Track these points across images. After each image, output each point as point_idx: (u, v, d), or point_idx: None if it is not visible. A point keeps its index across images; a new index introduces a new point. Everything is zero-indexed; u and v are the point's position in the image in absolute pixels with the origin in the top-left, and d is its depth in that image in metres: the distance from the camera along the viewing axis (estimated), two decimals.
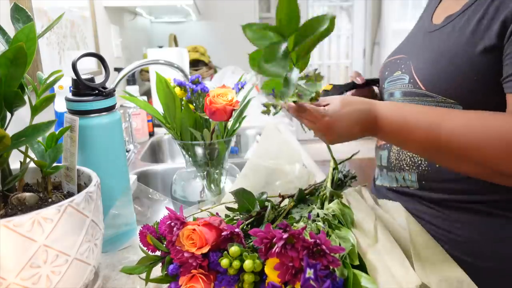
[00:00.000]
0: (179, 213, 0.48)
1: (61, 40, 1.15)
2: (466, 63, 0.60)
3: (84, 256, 0.46)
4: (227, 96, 0.71)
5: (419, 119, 0.56)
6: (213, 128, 0.78)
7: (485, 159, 0.52)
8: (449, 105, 0.62)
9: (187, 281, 0.45)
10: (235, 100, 0.71)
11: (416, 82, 0.67)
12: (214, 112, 0.70)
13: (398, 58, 0.76)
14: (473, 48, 0.59)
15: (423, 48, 0.70)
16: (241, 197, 0.55)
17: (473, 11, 0.62)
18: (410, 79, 0.69)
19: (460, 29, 0.63)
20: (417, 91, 0.67)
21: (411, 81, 0.68)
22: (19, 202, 0.47)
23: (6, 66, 0.41)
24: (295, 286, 0.39)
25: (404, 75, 0.71)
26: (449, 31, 0.65)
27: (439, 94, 0.63)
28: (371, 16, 4.43)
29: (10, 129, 0.45)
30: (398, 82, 0.72)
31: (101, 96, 0.60)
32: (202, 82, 0.78)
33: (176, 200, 0.84)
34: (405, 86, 0.70)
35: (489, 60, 0.58)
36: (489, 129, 0.52)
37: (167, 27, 3.01)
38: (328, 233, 0.47)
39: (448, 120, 0.54)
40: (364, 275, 0.42)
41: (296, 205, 0.57)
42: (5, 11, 0.82)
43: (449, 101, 0.62)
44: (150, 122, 1.50)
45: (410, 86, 0.69)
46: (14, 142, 0.43)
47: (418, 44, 0.73)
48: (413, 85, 0.68)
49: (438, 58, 0.64)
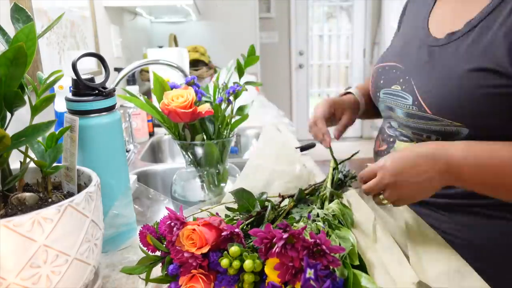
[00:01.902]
0: (179, 213, 0.48)
1: (61, 40, 1.15)
2: (475, 87, 0.58)
3: (84, 256, 0.46)
4: (183, 97, 0.71)
5: (503, 161, 0.54)
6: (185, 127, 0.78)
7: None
8: (455, 128, 0.61)
9: (187, 281, 0.45)
10: (193, 99, 0.71)
11: (421, 105, 0.64)
12: (168, 114, 0.71)
13: (392, 66, 0.74)
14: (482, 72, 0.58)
15: (423, 65, 0.67)
16: (241, 197, 0.55)
17: (479, 33, 0.60)
18: (414, 101, 0.66)
19: (466, 51, 0.61)
20: (422, 115, 0.65)
21: (415, 103, 0.66)
22: (19, 202, 0.47)
23: (6, 66, 0.41)
24: (295, 286, 0.39)
25: (406, 94, 0.68)
26: (453, 51, 0.63)
27: (446, 117, 0.61)
28: (371, 16, 4.43)
29: (10, 129, 0.45)
30: (399, 100, 0.70)
31: (101, 96, 0.60)
32: (198, 83, 0.79)
33: (176, 200, 0.84)
34: (409, 108, 0.67)
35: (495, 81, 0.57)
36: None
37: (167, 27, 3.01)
38: (328, 233, 0.47)
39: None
40: (364, 275, 0.42)
41: (296, 205, 0.57)
42: (5, 11, 0.82)
43: (455, 124, 0.61)
44: (150, 122, 1.50)
45: (414, 109, 0.66)
46: (14, 142, 0.43)
47: (415, 57, 0.69)
48: (418, 107, 0.65)
49: (444, 80, 0.62)
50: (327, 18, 4.66)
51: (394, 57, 0.75)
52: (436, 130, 0.64)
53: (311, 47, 4.53)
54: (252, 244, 0.47)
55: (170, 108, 0.70)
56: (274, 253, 0.38)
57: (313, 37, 4.55)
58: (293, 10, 4.25)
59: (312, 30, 4.51)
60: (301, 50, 4.44)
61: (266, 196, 0.57)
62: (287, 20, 4.25)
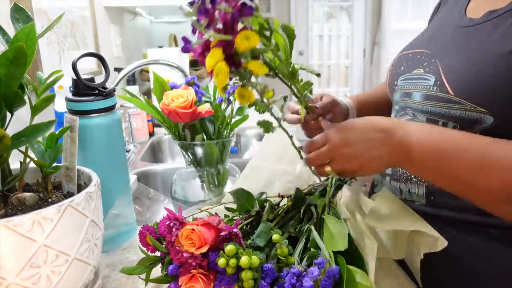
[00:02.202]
0: (178, 214, 0.48)
1: (61, 40, 1.15)
2: (509, 68, 0.51)
3: (84, 256, 0.46)
4: (183, 97, 0.71)
5: (461, 149, 0.48)
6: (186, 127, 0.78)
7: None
8: (478, 115, 0.54)
9: (187, 281, 0.45)
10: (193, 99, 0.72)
11: (444, 85, 0.57)
12: (168, 114, 0.71)
13: (418, 52, 0.66)
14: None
15: (455, 45, 0.60)
16: (240, 197, 0.55)
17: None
18: (436, 81, 0.59)
19: (506, 28, 0.54)
20: (443, 96, 0.58)
21: (437, 83, 0.59)
22: (19, 202, 0.47)
23: (6, 66, 0.41)
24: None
25: (428, 75, 0.61)
26: (490, 28, 0.56)
27: (470, 101, 0.54)
28: (371, 16, 4.43)
29: (10, 129, 0.45)
30: (419, 82, 0.63)
31: (101, 96, 0.60)
32: (198, 83, 0.79)
33: (176, 200, 0.84)
34: (429, 89, 0.60)
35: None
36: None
37: (167, 27, 3.01)
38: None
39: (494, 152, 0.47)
40: (359, 271, 0.42)
41: (295, 203, 0.57)
42: (5, 11, 0.82)
43: (479, 110, 0.54)
44: (150, 122, 1.50)
45: (435, 89, 0.59)
46: (14, 142, 0.43)
47: (446, 40, 0.62)
48: (440, 88, 0.58)
49: (474, 59, 0.55)
50: (327, 18, 4.65)
51: (421, 44, 0.68)
52: (455, 116, 0.57)
53: (311, 47, 4.53)
54: (251, 244, 0.47)
55: (170, 108, 0.70)
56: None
57: (313, 37, 4.55)
58: (293, 10, 4.25)
59: (312, 30, 4.51)
60: (301, 50, 4.44)
61: (265, 196, 0.57)
62: (287, 20, 4.25)
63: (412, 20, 3.56)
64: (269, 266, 0.43)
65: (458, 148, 0.49)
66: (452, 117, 0.57)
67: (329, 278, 0.40)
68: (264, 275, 0.43)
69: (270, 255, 0.46)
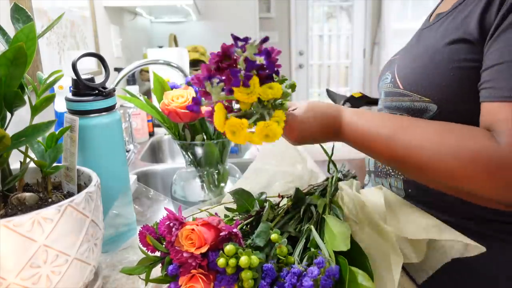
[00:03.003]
0: (177, 214, 0.48)
1: (61, 40, 1.15)
2: (447, 61, 0.58)
3: (84, 256, 0.46)
4: (183, 97, 0.71)
5: (379, 130, 0.53)
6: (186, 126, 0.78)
7: (439, 177, 0.48)
8: (424, 104, 0.61)
9: (187, 281, 0.45)
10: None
11: (396, 81, 0.66)
12: (168, 114, 0.71)
13: (393, 58, 0.76)
14: (455, 45, 0.57)
15: (410, 46, 0.70)
16: (240, 197, 0.55)
17: (460, 10, 0.61)
18: (392, 78, 0.68)
19: (446, 25, 0.62)
20: (396, 91, 0.66)
21: (392, 81, 0.68)
22: (19, 202, 0.47)
23: (6, 66, 0.41)
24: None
25: (388, 74, 0.71)
26: (436, 28, 0.65)
27: (416, 92, 0.62)
28: (371, 16, 4.43)
29: (10, 129, 0.45)
30: (383, 82, 0.73)
31: (101, 96, 0.60)
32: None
33: (176, 200, 0.84)
34: (388, 86, 0.69)
35: (466, 55, 0.56)
36: (444, 146, 0.48)
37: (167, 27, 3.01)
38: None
39: (406, 133, 0.51)
40: (360, 272, 0.42)
41: (295, 203, 0.57)
42: (5, 11, 0.82)
43: (424, 99, 0.61)
44: (150, 122, 1.50)
45: (391, 86, 0.68)
46: (14, 142, 0.43)
47: (413, 41, 0.72)
48: (393, 84, 0.67)
49: (419, 55, 0.63)
50: (327, 18, 4.65)
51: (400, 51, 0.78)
52: (406, 107, 0.64)
53: (311, 47, 4.53)
54: (251, 244, 0.47)
55: (170, 108, 0.70)
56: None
57: (313, 37, 4.55)
58: (293, 10, 4.25)
59: (312, 30, 4.51)
60: (301, 50, 4.44)
61: (265, 196, 0.57)
62: (287, 20, 4.25)
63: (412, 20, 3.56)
64: (269, 266, 0.43)
65: (376, 132, 0.54)
66: (404, 108, 0.65)
67: (329, 277, 0.40)
68: (264, 275, 0.43)
69: (270, 255, 0.46)
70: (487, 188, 0.45)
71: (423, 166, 0.49)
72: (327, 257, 0.43)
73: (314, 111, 0.56)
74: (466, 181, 0.46)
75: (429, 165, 0.48)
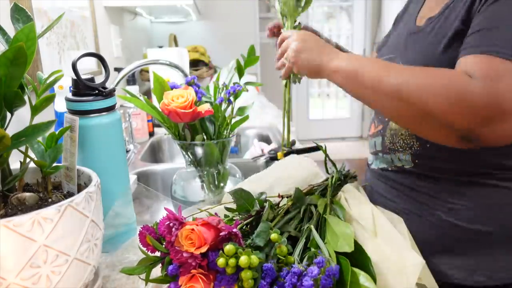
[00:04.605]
0: (177, 214, 0.48)
1: (61, 40, 1.15)
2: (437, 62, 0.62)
3: (84, 256, 0.46)
4: (183, 97, 0.71)
5: (373, 62, 0.62)
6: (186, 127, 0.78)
7: (428, 107, 0.55)
8: None
9: (187, 281, 0.45)
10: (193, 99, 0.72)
11: None
12: (168, 114, 0.71)
13: (387, 58, 0.80)
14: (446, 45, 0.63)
15: (406, 49, 0.75)
16: (240, 197, 0.55)
17: (450, 10, 0.65)
18: None
19: (436, 29, 0.66)
20: None
21: None
22: (19, 202, 0.47)
23: (6, 66, 0.41)
24: None
25: None
26: (427, 32, 0.69)
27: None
28: (371, 16, 4.43)
29: (10, 129, 0.45)
30: None
31: (101, 96, 0.60)
32: (198, 83, 0.79)
33: (176, 200, 0.84)
34: None
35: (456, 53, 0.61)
36: (433, 78, 0.56)
37: (167, 27, 3.01)
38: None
39: (396, 71, 0.59)
40: (362, 273, 0.42)
41: (295, 203, 0.57)
42: (5, 11, 0.82)
43: None
44: (150, 122, 1.50)
45: None
46: (14, 142, 0.43)
47: (402, 45, 0.77)
48: None
49: (415, 59, 0.68)
50: (327, 18, 4.65)
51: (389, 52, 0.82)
52: None
53: None
54: (251, 243, 0.47)
55: (170, 108, 0.70)
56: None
57: None
58: None
59: None
60: None
61: (265, 196, 0.57)
62: None
63: None
64: (269, 266, 0.43)
65: (369, 68, 0.62)
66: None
67: (329, 277, 0.40)
68: (264, 275, 0.43)
69: (270, 254, 0.46)
70: (453, 113, 0.53)
71: (412, 97, 0.56)
72: (327, 257, 0.43)
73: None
74: (438, 105, 0.54)
75: (419, 94, 0.55)
